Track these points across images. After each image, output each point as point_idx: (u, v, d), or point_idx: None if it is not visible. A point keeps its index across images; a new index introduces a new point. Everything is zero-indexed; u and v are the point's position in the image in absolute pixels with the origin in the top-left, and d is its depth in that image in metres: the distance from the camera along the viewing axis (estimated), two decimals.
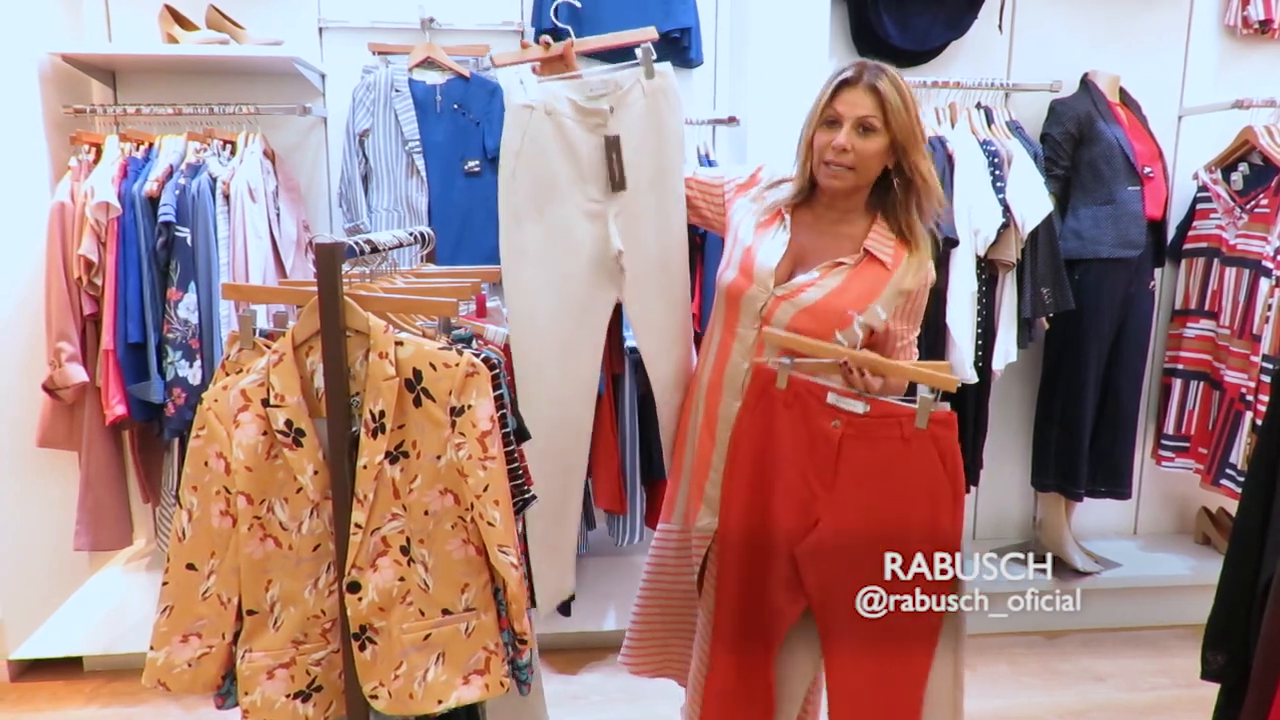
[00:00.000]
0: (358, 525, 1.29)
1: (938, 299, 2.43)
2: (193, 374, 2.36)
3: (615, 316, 1.79)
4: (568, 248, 1.68)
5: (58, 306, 2.33)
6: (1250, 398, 2.60)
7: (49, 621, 2.56)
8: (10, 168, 2.39)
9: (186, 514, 1.32)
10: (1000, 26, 2.83)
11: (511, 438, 1.41)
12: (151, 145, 2.50)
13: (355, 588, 1.30)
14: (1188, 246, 2.90)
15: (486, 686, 1.36)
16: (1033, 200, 2.49)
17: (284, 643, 1.35)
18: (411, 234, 1.62)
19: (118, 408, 2.34)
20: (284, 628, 1.35)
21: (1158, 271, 2.87)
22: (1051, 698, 2.52)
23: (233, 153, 2.51)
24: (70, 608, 2.64)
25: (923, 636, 1.47)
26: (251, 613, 1.33)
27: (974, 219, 2.45)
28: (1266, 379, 2.52)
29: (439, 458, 1.30)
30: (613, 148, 1.64)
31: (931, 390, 1.43)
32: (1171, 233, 2.93)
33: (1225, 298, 2.73)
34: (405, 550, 1.32)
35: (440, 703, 1.33)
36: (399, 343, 1.29)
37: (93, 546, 2.53)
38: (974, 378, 2.51)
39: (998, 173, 2.49)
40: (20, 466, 2.45)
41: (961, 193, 2.46)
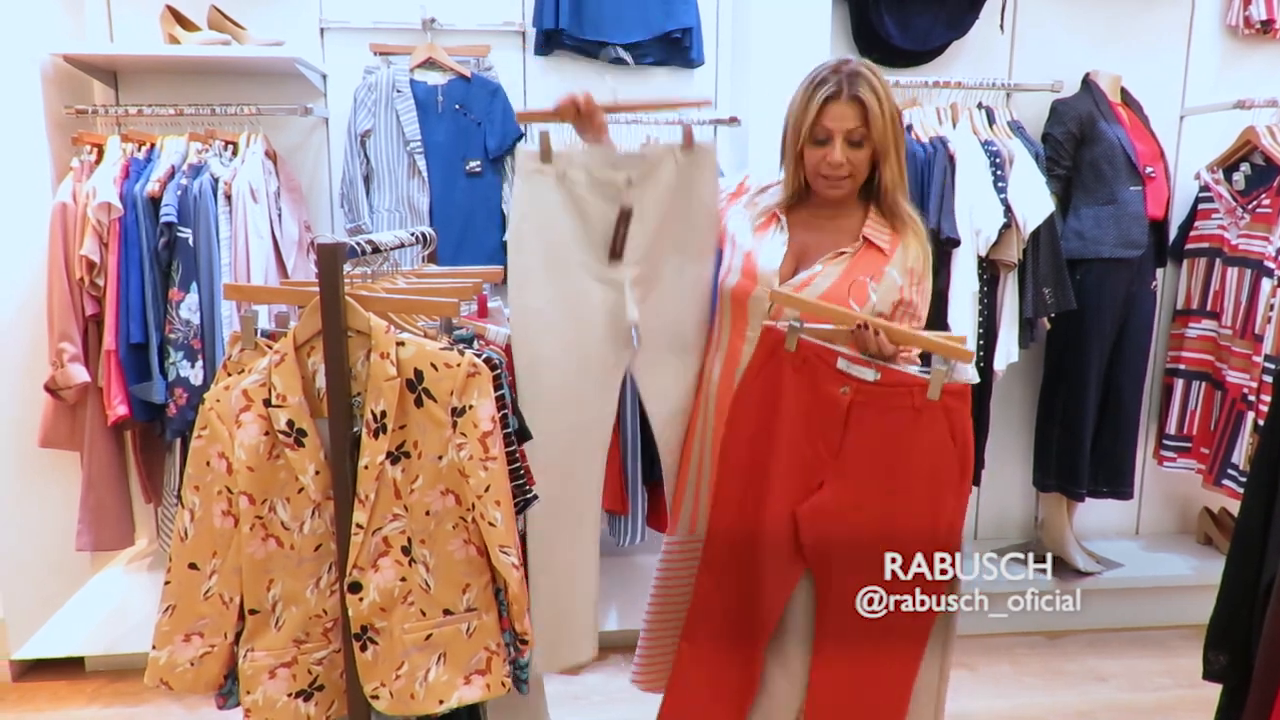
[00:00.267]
0: (359, 525, 1.29)
1: (939, 299, 2.43)
2: (194, 374, 2.36)
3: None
4: (578, 315, 1.61)
5: (60, 307, 2.33)
6: (1252, 398, 2.60)
7: (51, 621, 2.56)
8: (12, 168, 2.39)
9: (189, 514, 1.32)
10: (1001, 26, 2.83)
11: (513, 438, 1.41)
12: (153, 146, 2.50)
13: (356, 588, 1.30)
14: (1189, 246, 2.90)
15: (488, 686, 1.36)
16: (1034, 200, 2.49)
17: (286, 642, 1.35)
18: (413, 234, 1.62)
19: (119, 408, 2.34)
20: (286, 627, 1.35)
21: (1159, 271, 2.86)
22: (1054, 698, 2.52)
23: (234, 153, 2.52)
24: (72, 608, 2.64)
25: (915, 634, 1.46)
26: (253, 612, 1.34)
27: (975, 219, 2.45)
28: (1268, 379, 2.52)
29: (440, 458, 1.31)
30: (622, 220, 1.57)
31: (946, 361, 1.40)
32: (1173, 233, 2.93)
33: (1227, 298, 2.73)
34: (406, 550, 1.32)
35: (441, 703, 1.33)
36: (400, 343, 1.29)
37: (94, 546, 2.53)
38: (975, 378, 2.50)
39: (999, 173, 2.49)
40: (22, 467, 2.45)
41: (963, 193, 2.46)
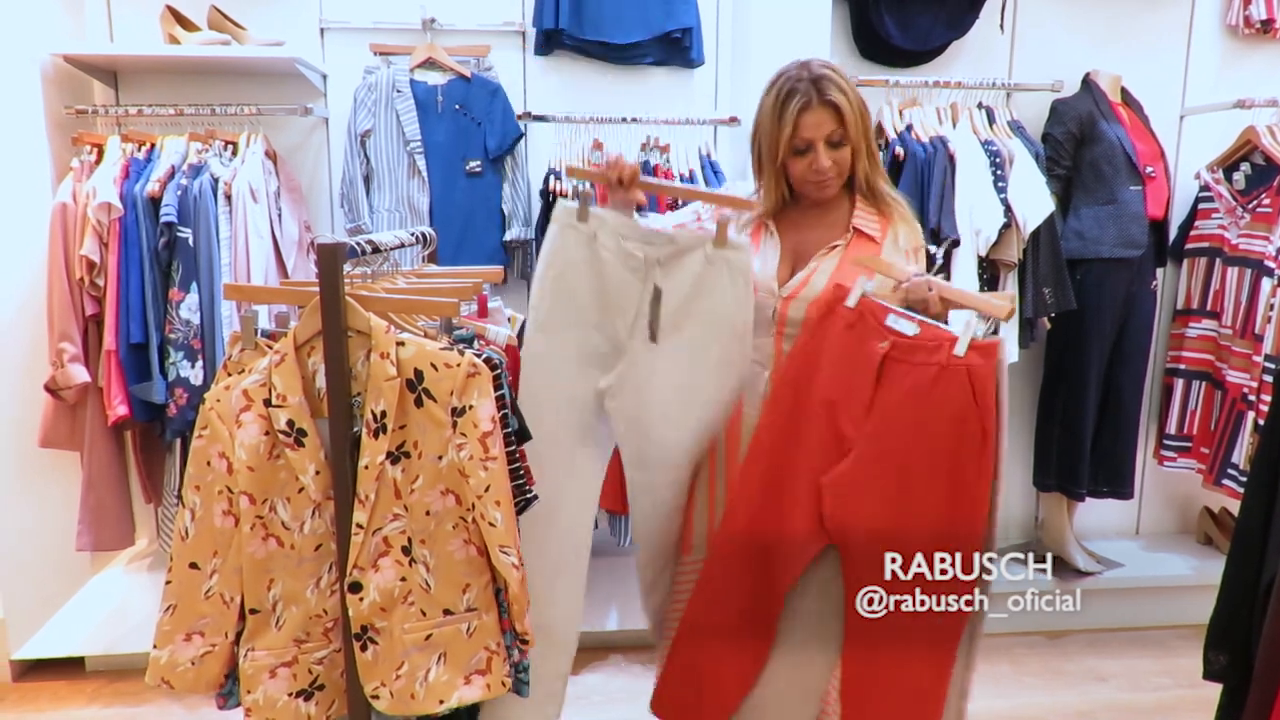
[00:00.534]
0: (359, 525, 1.29)
1: None
2: (195, 374, 2.36)
3: None
4: (577, 373, 1.60)
5: (60, 307, 2.33)
6: (1252, 398, 2.60)
7: (51, 621, 2.56)
8: (12, 168, 2.39)
9: (189, 513, 1.32)
10: (1001, 26, 2.82)
11: (513, 438, 1.41)
12: (153, 146, 2.50)
13: (357, 588, 1.30)
14: (1189, 246, 2.89)
15: (488, 686, 1.36)
16: (1034, 200, 2.49)
17: (286, 642, 1.35)
18: (413, 234, 1.62)
19: (120, 408, 2.34)
20: (286, 627, 1.35)
21: (1159, 271, 2.86)
22: (1054, 698, 2.52)
23: (234, 153, 2.52)
24: (72, 608, 2.64)
25: (929, 635, 1.43)
26: (254, 612, 1.34)
27: (975, 219, 2.45)
28: (1269, 379, 2.52)
29: (440, 458, 1.31)
30: (656, 300, 1.54)
31: (983, 318, 1.37)
32: (1173, 232, 2.92)
33: (1227, 298, 2.73)
34: (407, 550, 1.32)
35: (442, 703, 1.34)
36: (400, 343, 1.29)
37: (95, 547, 2.53)
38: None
39: (999, 172, 2.49)
40: (22, 467, 2.45)
41: (963, 192, 2.46)
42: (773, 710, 1.56)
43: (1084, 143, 2.70)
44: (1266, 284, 2.58)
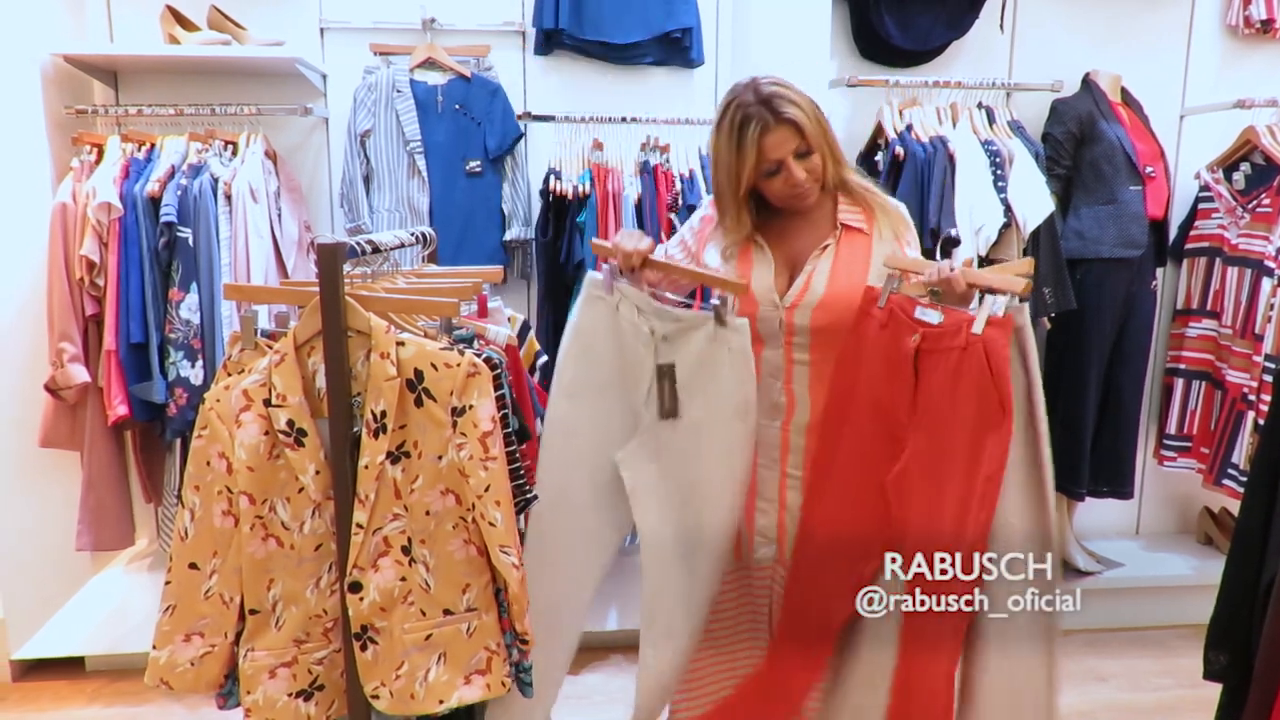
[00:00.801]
0: (359, 525, 1.29)
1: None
2: (195, 374, 2.36)
3: None
4: (599, 439, 1.60)
5: (60, 307, 2.33)
6: (1252, 398, 2.60)
7: (51, 621, 2.56)
8: (12, 168, 2.39)
9: (189, 513, 1.32)
10: (1001, 26, 2.83)
11: (513, 438, 1.41)
12: (153, 146, 2.50)
13: (357, 588, 1.30)
14: (1189, 246, 2.89)
15: (488, 686, 1.36)
16: (1034, 200, 2.49)
17: (286, 642, 1.35)
18: (413, 234, 1.62)
19: (120, 408, 2.34)
20: (286, 627, 1.35)
21: (1159, 271, 2.86)
22: None
23: (234, 153, 2.52)
24: (72, 608, 2.64)
25: (937, 633, 1.42)
26: (254, 612, 1.34)
27: (975, 218, 2.45)
28: (1269, 379, 2.52)
29: (440, 458, 1.31)
30: (662, 376, 1.55)
31: (1005, 294, 1.36)
32: (1173, 232, 2.93)
33: (1227, 297, 2.73)
34: (407, 550, 1.32)
35: (442, 703, 1.34)
36: (400, 343, 1.29)
37: (95, 546, 2.53)
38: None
39: (999, 172, 2.49)
40: (22, 467, 2.45)
41: (963, 192, 2.46)
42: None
43: (1084, 142, 2.70)
44: (1266, 284, 2.58)
